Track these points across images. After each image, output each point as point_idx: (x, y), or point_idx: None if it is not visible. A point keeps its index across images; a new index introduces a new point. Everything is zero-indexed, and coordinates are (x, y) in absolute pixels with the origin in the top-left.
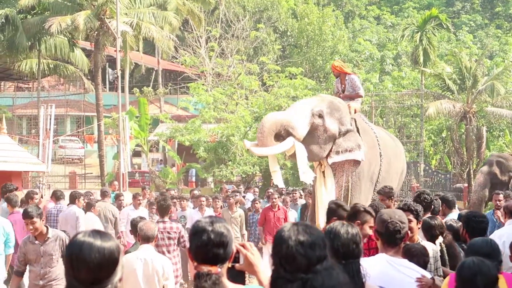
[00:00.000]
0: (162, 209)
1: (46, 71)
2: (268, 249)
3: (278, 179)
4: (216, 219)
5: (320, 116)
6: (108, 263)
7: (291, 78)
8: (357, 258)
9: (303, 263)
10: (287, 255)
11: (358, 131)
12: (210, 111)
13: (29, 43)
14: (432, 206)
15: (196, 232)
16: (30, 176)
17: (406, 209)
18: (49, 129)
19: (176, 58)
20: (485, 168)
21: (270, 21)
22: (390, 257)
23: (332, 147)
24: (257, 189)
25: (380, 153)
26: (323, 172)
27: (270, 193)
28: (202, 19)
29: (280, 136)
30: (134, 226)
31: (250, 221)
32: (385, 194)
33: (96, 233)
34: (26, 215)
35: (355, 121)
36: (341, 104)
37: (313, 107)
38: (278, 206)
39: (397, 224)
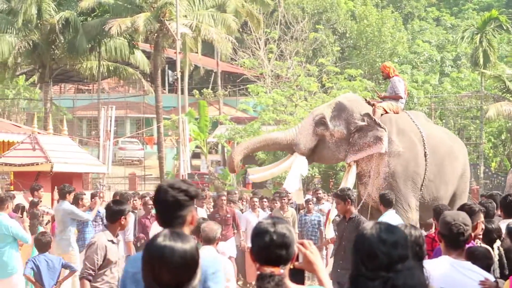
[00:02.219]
0: None
1: (106, 73)
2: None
3: (299, 198)
4: (278, 220)
5: (322, 122)
6: (190, 265)
7: (350, 80)
8: (421, 260)
9: (385, 262)
10: (369, 253)
11: (378, 125)
12: (269, 113)
13: (89, 45)
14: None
15: (259, 233)
16: (90, 177)
17: (467, 210)
18: (110, 130)
19: (235, 60)
20: None
21: (329, 23)
22: (454, 260)
23: (348, 147)
24: (321, 192)
25: (425, 153)
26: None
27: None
28: (261, 21)
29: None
30: (196, 227)
31: (302, 221)
32: (338, 196)
33: (175, 235)
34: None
35: (369, 116)
36: (350, 102)
37: (315, 115)
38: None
39: (461, 227)
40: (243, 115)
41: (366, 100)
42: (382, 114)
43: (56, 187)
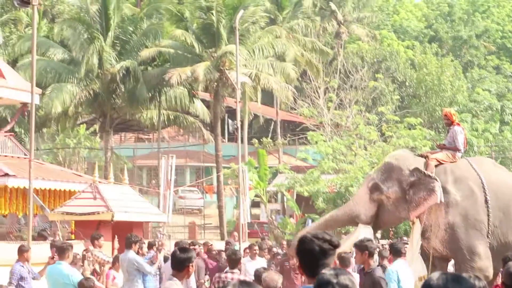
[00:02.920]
0: (232, 260)
1: (166, 122)
2: None
3: None
4: (341, 271)
5: (377, 188)
6: None
7: (410, 129)
8: None
9: None
10: None
11: (428, 177)
12: (329, 161)
13: (150, 94)
14: None
15: (321, 284)
16: (150, 226)
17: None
18: (170, 179)
19: (295, 109)
20: None
21: (388, 72)
22: None
23: (406, 205)
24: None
25: (485, 199)
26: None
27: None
28: (320, 70)
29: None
30: (257, 277)
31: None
32: (356, 246)
33: (245, 285)
34: None
35: (419, 171)
36: (398, 160)
37: (368, 183)
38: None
39: None
40: (302, 164)
41: (418, 154)
42: (436, 165)
43: (116, 236)
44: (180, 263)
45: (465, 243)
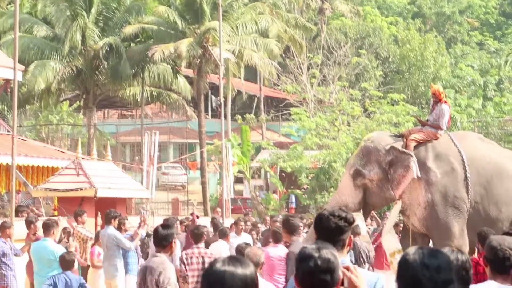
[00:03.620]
0: (195, 235)
1: (149, 99)
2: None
3: None
4: (323, 245)
5: (358, 174)
6: None
7: (393, 104)
8: (467, 285)
9: (429, 287)
10: (413, 279)
11: (403, 153)
12: (312, 137)
13: (133, 71)
14: None
15: (303, 258)
16: (133, 202)
17: (511, 234)
18: (153, 156)
19: (278, 85)
20: None
21: (371, 48)
22: (500, 285)
23: (389, 184)
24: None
25: (466, 176)
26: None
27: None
28: (304, 46)
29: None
30: (239, 252)
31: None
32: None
33: (234, 260)
34: None
35: (394, 149)
36: (373, 143)
37: (349, 171)
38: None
39: (507, 251)
40: (285, 140)
41: (396, 133)
42: (416, 146)
43: (99, 212)
44: (163, 239)
45: (443, 222)
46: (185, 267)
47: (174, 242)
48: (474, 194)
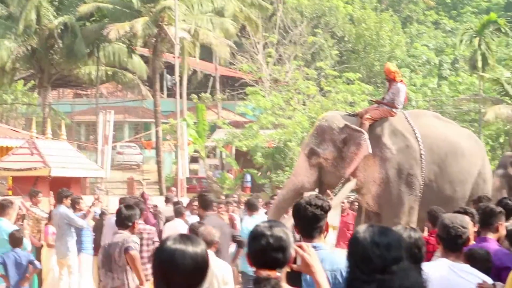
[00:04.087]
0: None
1: (104, 78)
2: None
3: None
4: (276, 223)
5: (313, 153)
6: (201, 268)
7: (348, 84)
8: (419, 262)
9: (379, 264)
10: (363, 256)
11: (355, 131)
12: (267, 116)
13: (88, 50)
14: None
15: (255, 236)
16: (88, 182)
17: (462, 212)
18: (108, 135)
19: (234, 64)
20: (500, 171)
21: (327, 27)
22: (452, 262)
23: (343, 163)
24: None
25: (420, 154)
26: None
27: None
28: (259, 25)
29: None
30: (193, 231)
31: None
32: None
33: (186, 238)
34: None
35: (347, 126)
36: (328, 122)
37: (304, 151)
38: (347, 211)
39: (459, 229)
40: (241, 119)
41: (352, 113)
42: (371, 124)
43: (52, 192)
44: (126, 219)
45: (395, 198)
46: None
47: (137, 223)
48: (428, 172)
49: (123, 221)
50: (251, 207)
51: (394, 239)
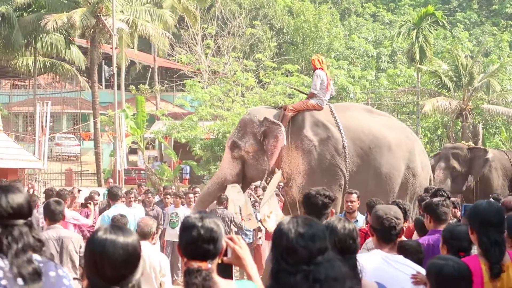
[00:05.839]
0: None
1: (42, 69)
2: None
3: (253, 223)
4: (206, 214)
5: (235, 145)
6: (132, 259)
7: (287, 75)
8: (354, 253)
9: (304, 255)
10: (288, 248)
11: (273, 123)
12: (206, 108)
13: (25, 40)
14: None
15: (186, 228)
16: (26, 173)
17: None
18: (45, 126)
19: (172, 56)
20: (442, 163)
21: (266, 19)
22: (386, 254)
23: (266, 156)
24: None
25: (343, 145)
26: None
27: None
28: (198, 17)
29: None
30: (114, 223)
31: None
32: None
33: (117, 228)
34: None
35: (266, 120)
36: (250, 115)
37: (228, 143)
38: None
39: (393, 220)
40: (180, 111)
41: (275, 107)
42: (294, 115)
43: None
44: (55, 215)
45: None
46: None
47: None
48: (351, 164)
49: (52, 216)
50: (112, 197)
51: (318, 230)
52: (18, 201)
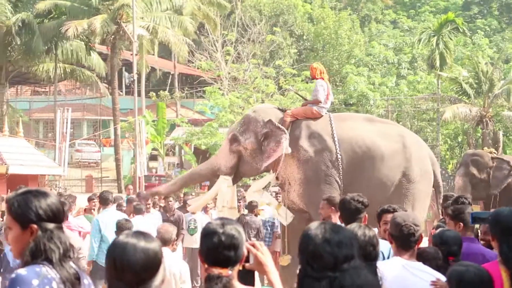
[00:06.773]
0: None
1: (62, 75)
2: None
3: (234, 214)
4: (228, 221)
5: (235, 139)
6: (152, 264)
7: (307, 82)
8: (374, 260)
9: (330, 262)
10: (314, 254)
11: (277, 129)
12: (226, 114)
13: (46, 47)
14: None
15: (207, 234)
16: (46, 179)
17: (391, 211)
18: (66, 132)
19: (192, 62)
20: (461, 170)
21: (286, 25)
22: (405, 261)
23: (261, 155)
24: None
25: (337, 157)
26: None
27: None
28: (218, 23)
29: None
30: (120, 228)
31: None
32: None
33: (139, 234)
34: None
35: (271, 123)
36: (256, 113)
37: (228, 135)
38: None
39: (411, 227)
40: (200, 117)
41: (280, 108)
42: (294, 121)
43: (10, 189)
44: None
45: (316, 199)
46: None
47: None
48: (345, 176)
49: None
50: (103, 201)
51: (345, 237)
52: (57, 205)
